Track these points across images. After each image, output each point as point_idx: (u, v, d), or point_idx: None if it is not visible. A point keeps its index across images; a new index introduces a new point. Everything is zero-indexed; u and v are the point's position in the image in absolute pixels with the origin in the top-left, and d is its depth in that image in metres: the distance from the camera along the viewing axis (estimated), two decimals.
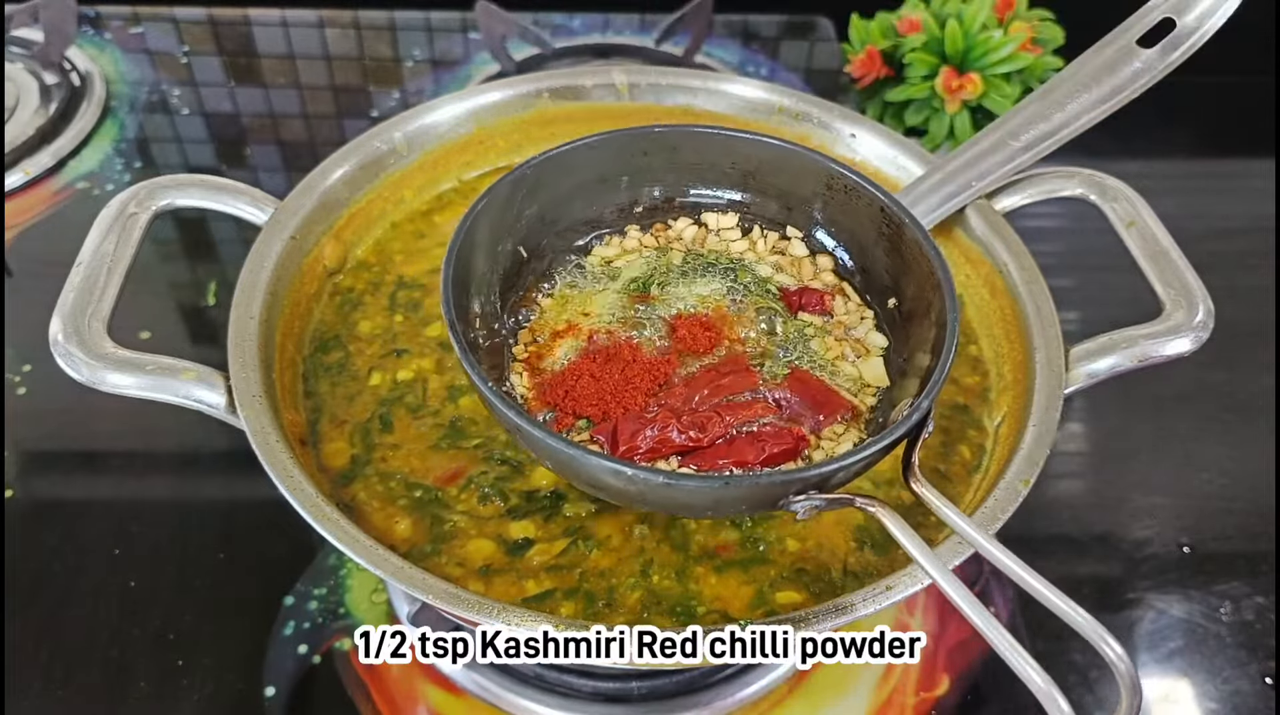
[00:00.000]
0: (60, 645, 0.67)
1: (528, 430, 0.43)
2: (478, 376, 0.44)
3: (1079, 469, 0.82)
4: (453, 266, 0.49)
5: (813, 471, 0.42)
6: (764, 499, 0.43)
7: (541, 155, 0.55)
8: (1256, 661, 0.69)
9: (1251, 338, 0.92)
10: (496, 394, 0.44)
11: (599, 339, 0.53)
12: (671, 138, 0.58)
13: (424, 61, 1.21)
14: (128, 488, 0.77)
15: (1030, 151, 0.62)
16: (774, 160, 0.58)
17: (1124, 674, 0.38)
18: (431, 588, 0.47)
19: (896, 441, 0.43)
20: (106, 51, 1.19)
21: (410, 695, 0.65)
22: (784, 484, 0.42)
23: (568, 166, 0.56)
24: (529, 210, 0.56)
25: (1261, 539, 0.76)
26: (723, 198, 0.60)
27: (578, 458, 0.42)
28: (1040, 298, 0.61)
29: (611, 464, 0.42)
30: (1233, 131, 1.20)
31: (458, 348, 0.45)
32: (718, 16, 1.25)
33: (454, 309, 0.47)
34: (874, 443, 0.43)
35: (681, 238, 0.60)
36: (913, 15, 1.00)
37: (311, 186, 0.66)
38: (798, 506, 0.42)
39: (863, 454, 0.42)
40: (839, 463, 0.42)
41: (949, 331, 0.47)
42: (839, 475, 0.43)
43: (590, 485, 0.45)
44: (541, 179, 0.55)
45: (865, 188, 0.55)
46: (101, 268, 0.56)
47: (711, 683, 0.65)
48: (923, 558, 0.41)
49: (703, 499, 0.43)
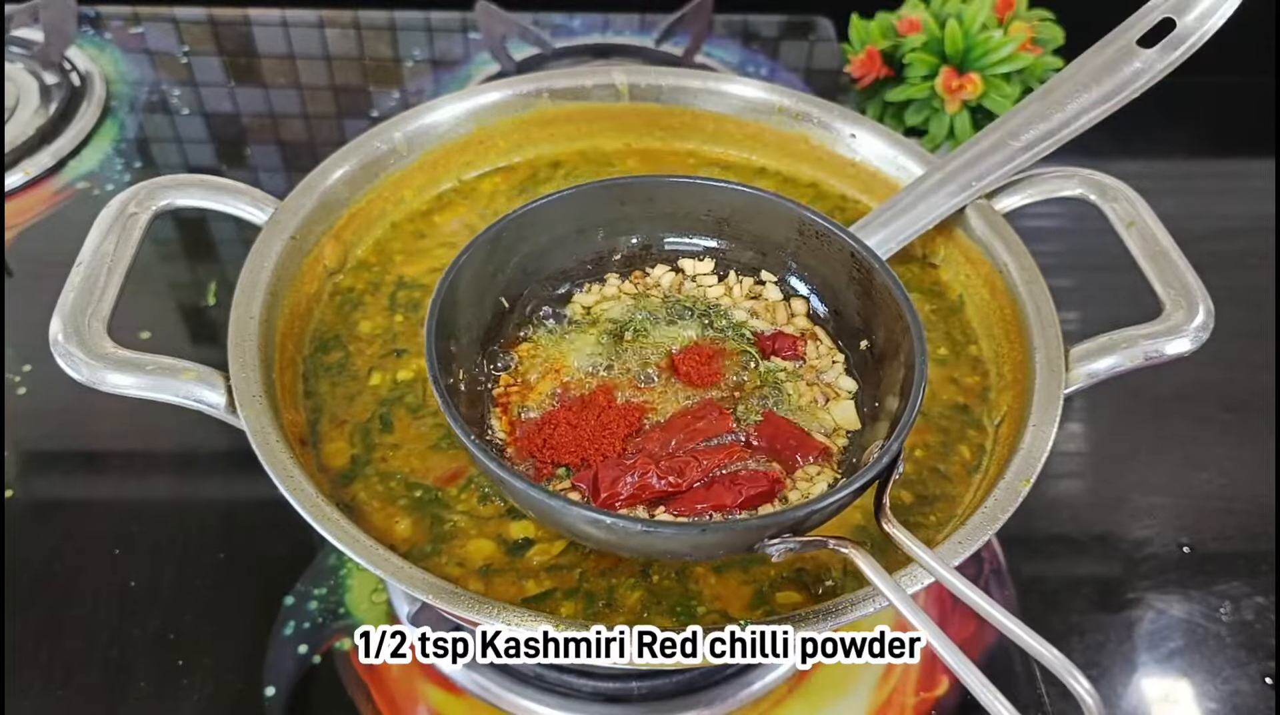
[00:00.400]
0: (60, 645, 0.67)
1: (510, 482, 0.44)
2: (461, 429, 0.45)
3: (1079, 469, 0.82)
4: (436, 320, 0.50)
5: (787, 516, 0.43)
6: (740, 544, 0.44)
7: (519, 210, 0.56)
8: (1256, 661, 0.69)
9: (1251, 338, 0.92)
10: (480, 447, 0.45)
11: (575, 386, 0.54)
12: (646, 188, 0.59)
13: (424, 61, 1.21)
14: (128, 488, 0.77)
15: (1030, 151, 0.62)
16: (747, 207, 0.59)
17: (1093, 708, 0.39)
18: (431, 588, 0.47)
19: (868, 484, 0.45)
20: (106, 51, 1.19)
21: (410, 695, 0.65)
22: (759, 529, 0.43)
23: (546, 219, 0.57)
24: (509, 262, 0.57)
25: (1261, 539, 0.76)
26: (699, 245, 0.62)
27: (559, 508, 0.43)
28: (1040, 298, 0.61)
29: (592, 514, 0.43)
30: (1233, 131, 1.20)
31: (441, 402, 0.46)
32: (718, 16, 1.25)
33: (437, 362, 0.48)
34: (845, 486, 0.44)
35: (660, 284, 0.61)
36: (913, 15, 1.00)
37: (311, 186, 0.66)
38: (773, 550, 0.43)
39: (834, 498, 0.43)
40: (811, 507, 0.43)
41: (917, 373, 0.48)
42: (813, 518, 0.44)
43: (571, 533, 0.47)
44: (521, 232, 0.56)
45: (835, 233, 0.56)
46: (101, 268, 0.56)
47: (711, 683, 0.65)
48: (893, 595, 0.42)
49: (680, 545, 0.45)
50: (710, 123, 0.77)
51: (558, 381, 0.55)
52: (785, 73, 1.21)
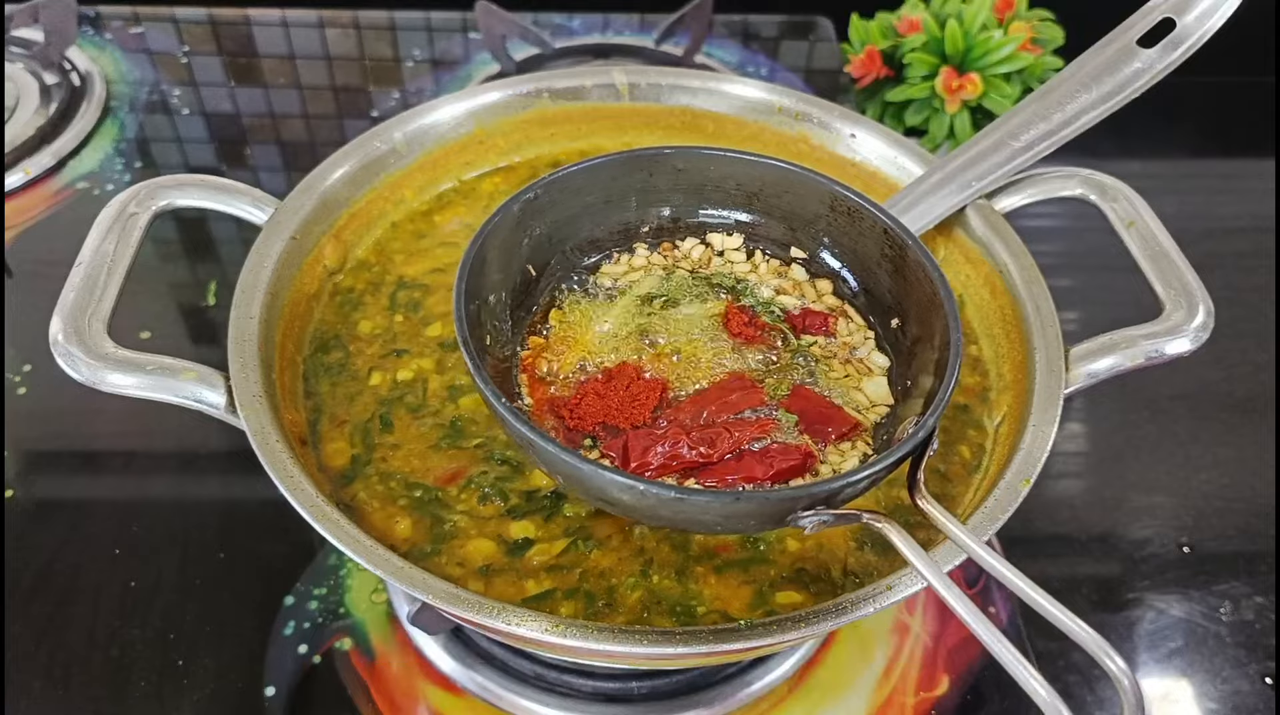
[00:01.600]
0: (60, 645, 0.67)
1: (542, 446, 0.43)
2: (491, 392, 0.44)
3: (1079, 469, 0.82)
4: (465, 283, 0.49)
5: (821, 487, 0.42)
6: (773, 515, 0.44)
7: (549, 176, 0.55)
8: (1256, 661, 0.69)
9: (1251, 338, 0.92)
10: (510, 410, 0.44)
11: (604, 357, 0.54)
12: (676, 159, 0.58)
13: (424, 61, 1.21)
14: (128, 488, 0.77)
15: (1030, 151, 0.62)
16: (778, 181, 0.58)
17: (1127, 688, 0.38)
18: (431, 588, 0.47)
19: (902, 458, 0.44)
20: (107, 51, 1.19)
21: (410, 695, 0.65)
22: (793, 500, 0.42)
23: (575, 187, 0.57)
24: (537, 230, 0.56)
25: (1261, 539, 0.76)
26: (729, 218, 0.61)
27: (592, 474, 0.42)
28: (1040, 298, 0.61)
29: (624, 479, 0.42)
30: (1233, 131, 1.20)
31: (471, 366, 0.45)
32: (718, 16, 1.25)
33: (467, 326, 0.47)
34: (881, 460, 0.43)
35: (689, 257, 0.61)
36: (913, 15, 1.00)
37: (311, 186, 0.66)
38: (806, 522, 0.43)
39: (870, 471, 0.43)
40: (846, 479, 0.42)
41: (953, 352, 0.47)
42: (846, 491, 0.43)
43: (602, 500, 0.46)
44: (550, 199, 0.56)
45: (868, 209, 0.55)
46: (102, 268, 0.56)
47: (711, 683, 0.65)
48: (928, 571, 0.42)
49: (713, 514, 0.44)
50: (710, 123, 0.77)
51: (586, 351, 0.54)
52: (785, 73, 1.21)
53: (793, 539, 0.54)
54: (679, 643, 0.45)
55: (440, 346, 0.63)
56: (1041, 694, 0.38)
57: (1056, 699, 0.38)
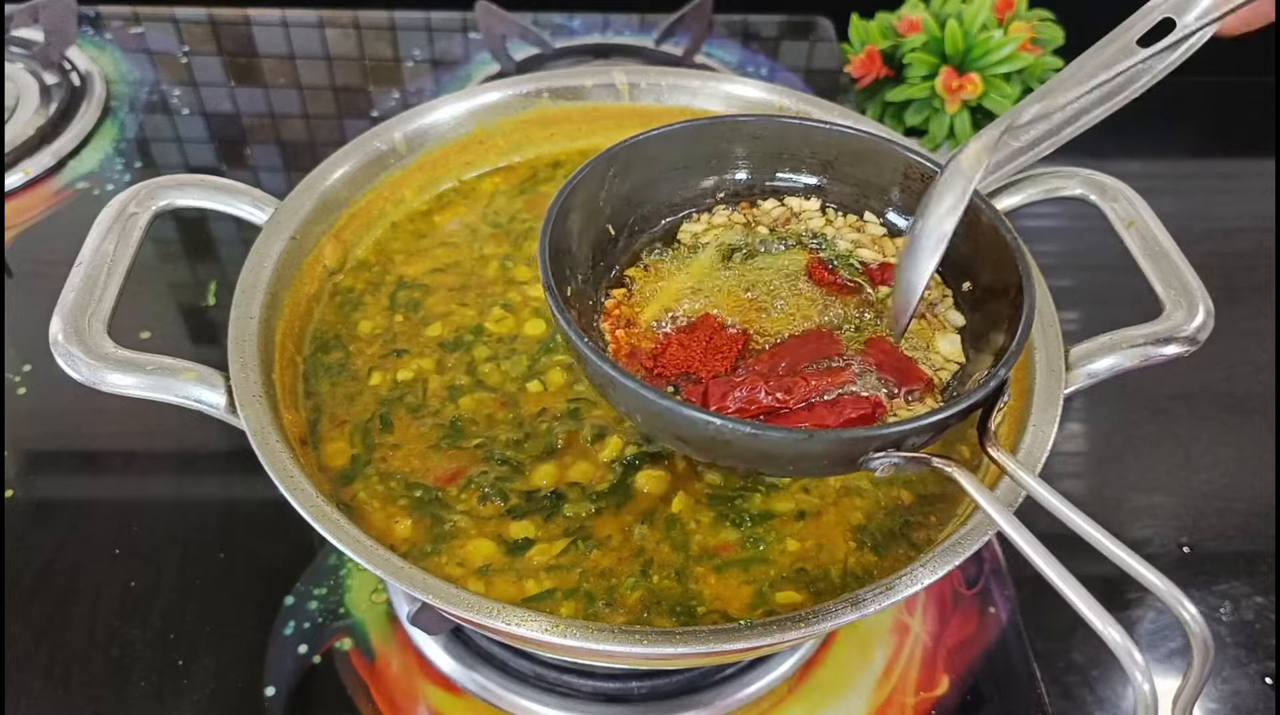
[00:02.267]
0: (60, 645, 0.67)
1: (622, 382, 0.44)
2: (573, 331, 0.45)
3: (1079, 469, 0.82)
4: (550, 233, 0.50)
5: (892, 430, 0.43)
6: (845, 455, 0.44)
7: (631, 139, 0.56)
8: (1256, 661, 0.69)
9: (1251, 338, 0.92)
10: (590, 347, 0.45)
11: (686, 309, 0.54)
12: (753, 127, 0.59)
13: (424, 61, 1.21)
14: (128, 488, 0.77)
15: (1030, 151, 0.62)
16: (854, 150, 0.59)
17: (1197, 635, 0.40)
18: (431, 588, 0.47)
19: (974, 406, 0.45)
20: (107, 51, 1.19)
21: (410, 695, 0.65)
22: (865, 440, 0.43)
23: (654, 153, 0.58)
24: (619, 189, 0.57)
25: (1261, 539, 0.76)
26: (802, 183, 0.62)
27: (671, 410, 0.43)
28: (1040, 298, 0.61)
29: (702, 415, 0.43)
30: (1233, 131, 1.20)
31: (554, 306, 0.46)
32: (718, 16, 1.25)
33: (551, 274, 0.48)
34: (953, 406, 0.44)
35: (769, 214, 0.61)
36: (913, 15, 1.00)
37: (311, 186, 0.66)
38: (877, 464, 0.44)
39: (942, 415, 0.44)
40: (917, 422, 0.43)
41: (1026, 306, 0.48)
42: (916, 437, 0.44)
43: (677, 437, 0.46)
44: (632, 160, 0.56)
45: None
46: (102, 268, 0.56)
47: (711, 683, 0.65)
48: (998, 514, 0.42)
49: (787, 450, 0.44)
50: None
51: (668, 303, 0.55)
52: (785, 73, 1.21)
53: (792, 539, 0.54)
54: (679, 643, 0.45)
55: (440, 346, 0.63)
56: (1116, 639, 0.40)
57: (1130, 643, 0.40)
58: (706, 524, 0.55)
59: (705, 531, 0.54)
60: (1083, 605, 0.40)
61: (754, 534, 0.54)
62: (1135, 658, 0.39)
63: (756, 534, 0.54)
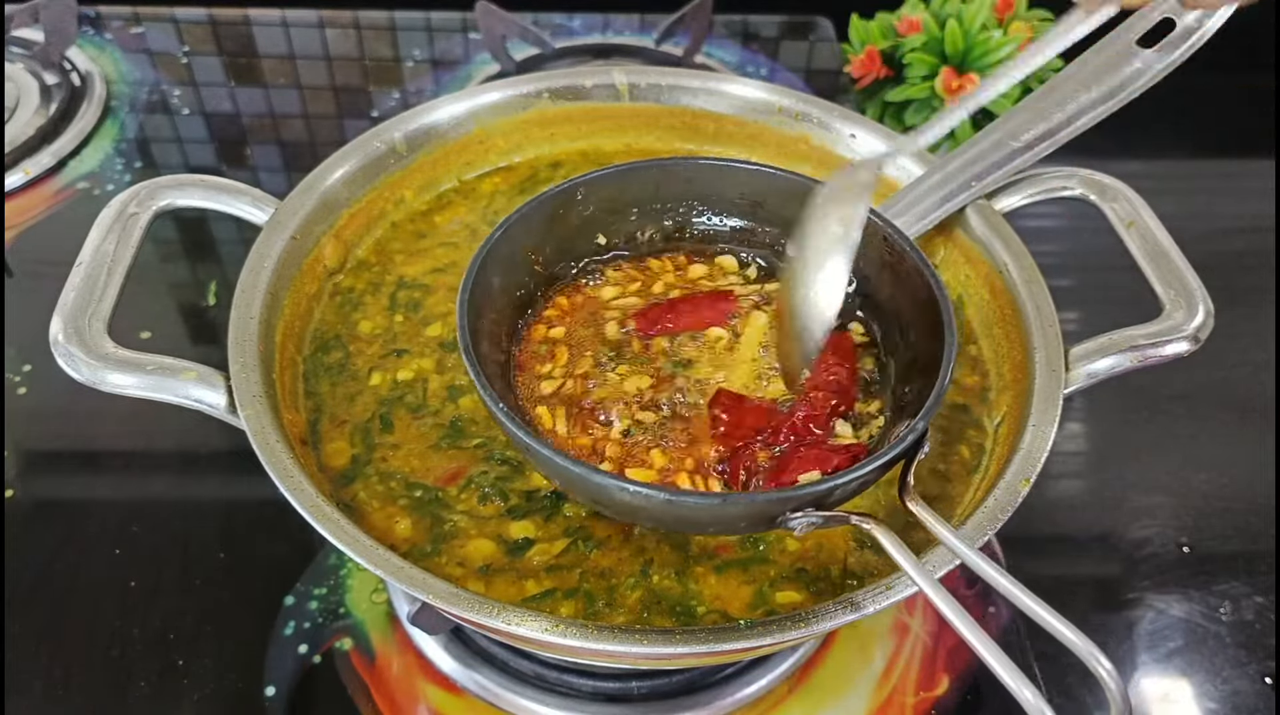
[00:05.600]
0: (60, 645, 0.67)
1: (536, 449, 0.44)
2: (489, 395, 0.46)
3: (1079, 469, 0.82)
4: (469, 293, 0.50)
5: (808, 490, 0.43)
6: (762, 516, 0.44)
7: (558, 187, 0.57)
8: (1256, 661, 0.69)
9: (1251, 338, 0.92)
10: (507, 414, 0.45)
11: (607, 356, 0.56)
12: (681, 169, 0.60)
13: (424, 61, 1.21)
14: (128, 488, 0.77)
15: (1030, 151, 0.62)
16: (781, 190, 0.59)
17: (1114, 691, 0.38)
18: (431, 588, 0.47)
19: (893, 461, 0.45)
20: (107, 51, 1.19)
21: (410, 695, 0.65)
22: (781, 501, 0.43)
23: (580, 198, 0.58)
24: (537, 241, 0.57)
25: (1261, 539, 0.76)
26: (728, 225, 0.62)
27: (585, 476, 0.44)
28: (1040, 298, 0.61)
29: (613, 481, 0.43)
30: (1233, 131, 1.20)
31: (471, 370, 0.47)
32: (718, 16, 1.25)
33: (470, 335, 0.49)
34: (870, 462, 0.44)
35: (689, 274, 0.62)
36: (912, 15, 1.00)
37: (311, 186, 0.66)
38: (795, 524, 0.43)
39: (859, 472, 0.43)
40: (835, 481, 0.43)
41: (945, 359, 0.48)
42: (836, 493, 0.44)
43: (594, 500, 0.47)
44: (557, 209, 0.57)
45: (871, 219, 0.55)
46: (102, 268, 0.56)
47: (711, 682, 0.65)
48: (915, 572, 0.42)
49: (703, 514, 0.45)
50: (710, 123, 0.77)
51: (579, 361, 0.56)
52: (785, 73, 1.21)
53: (792, 539, 0.54)
54: (679, 643, 0.45)
55: (440, 346, 0.63)
56: (1029, 699, 0.38)
57: (1043, 703, 0.38)
58: None
59: None
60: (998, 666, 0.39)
61: (754, 534, 0.54)
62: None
63: (756, 534, 0.54)
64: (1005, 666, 0.38)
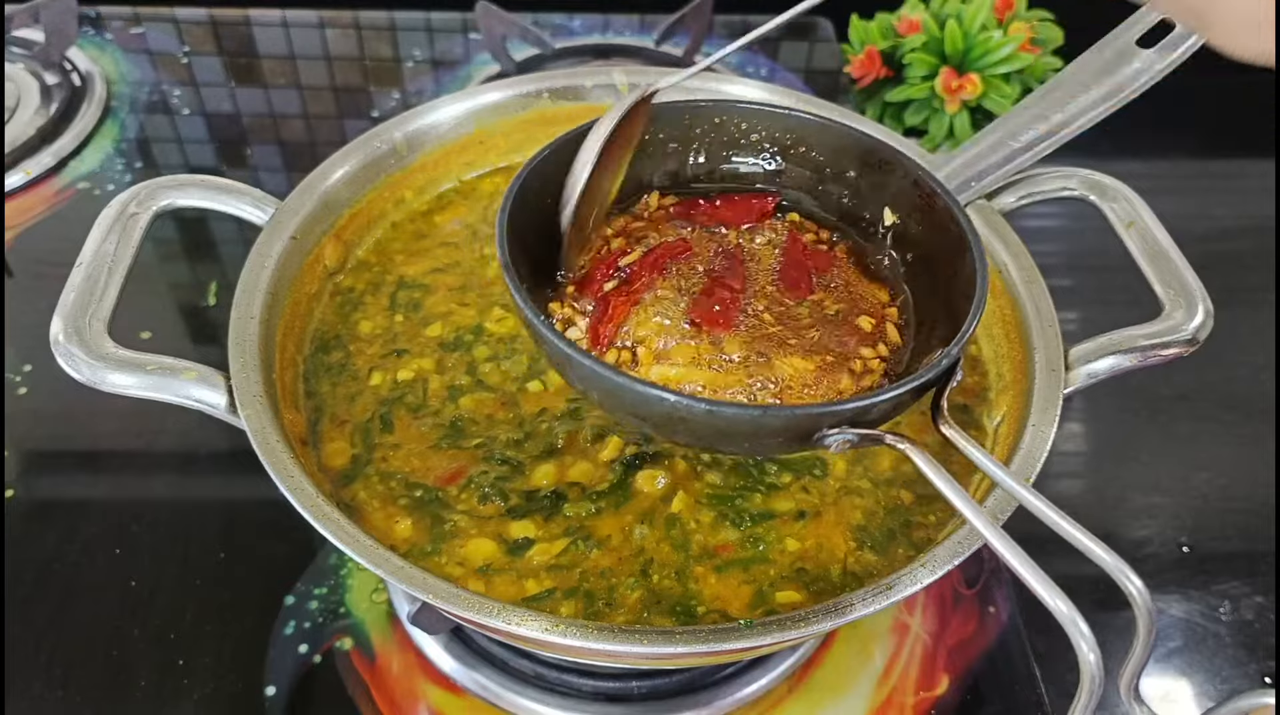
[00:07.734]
0: (60, 645, 0.67)
1: (578, 360, 0.44)
2: (529, 309, 0.45)
3: (1079, 469, 0.82)
4: (507, 214, 0.49)
5: (849, 406, 0.43)
6: (800, 431, 0.44)
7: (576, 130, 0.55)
8: (1256, 661, 0.69)
9: (1251, 338, 0.92)
10: (548, 326, 0.44)
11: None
12: (715, 112, 0.59)
13: (424, 62, 1.21)
14: (128, 488, 0.77)
15: (1030, 151, 0.62)
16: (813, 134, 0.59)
17: (1142, 606, 0.41)
18: (431, 587, 0.47)
19: (928, 384, 0.45)
20: (107, 52, 1.19)
21: (410, 695, 0.65)
22: (820, 416, 0.43)
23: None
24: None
25: (1261, 539, 0.76)
26: (761, 167, 0.61)
27: (624, 386, 0.43)
28: (1040, 298, 0.61)
29: (655, 391, 0.42)
30: (1233, 131, 1.20)
31: (511, 284, 0.45)
32: (718, 16, 1.25)
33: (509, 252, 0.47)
34: (906, 383, 0.44)
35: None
36: (912, 16, 1.00)
37: (312, 186, 0.66)
38: (832, 440, 0.43)
39: (896, 392, 0.43)
40: (872, 398, 0.43)
41: (979, 286, 0.48)
42: (873, 412, 0.44)
43: (634, 415, 0.46)
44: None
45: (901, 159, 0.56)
46: (102, 268, 0.56)
47: (711, 682, 0.65)
48: (948, 489, 0.42)
49: (743, 426, 0.44)
50: None
51: None
52: (785, 73, 1.21)
53: (792, 539, 0.54)
54: (679, 643, 0.45)
55: (440, 346, 0.63)
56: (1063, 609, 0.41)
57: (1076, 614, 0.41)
58: (706, 524, 0.55)
59: (705, 531, 0.54)
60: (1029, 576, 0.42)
61: (754, 534, 0.54)
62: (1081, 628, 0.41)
63: (756, 534, 0.54)
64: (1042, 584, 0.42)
